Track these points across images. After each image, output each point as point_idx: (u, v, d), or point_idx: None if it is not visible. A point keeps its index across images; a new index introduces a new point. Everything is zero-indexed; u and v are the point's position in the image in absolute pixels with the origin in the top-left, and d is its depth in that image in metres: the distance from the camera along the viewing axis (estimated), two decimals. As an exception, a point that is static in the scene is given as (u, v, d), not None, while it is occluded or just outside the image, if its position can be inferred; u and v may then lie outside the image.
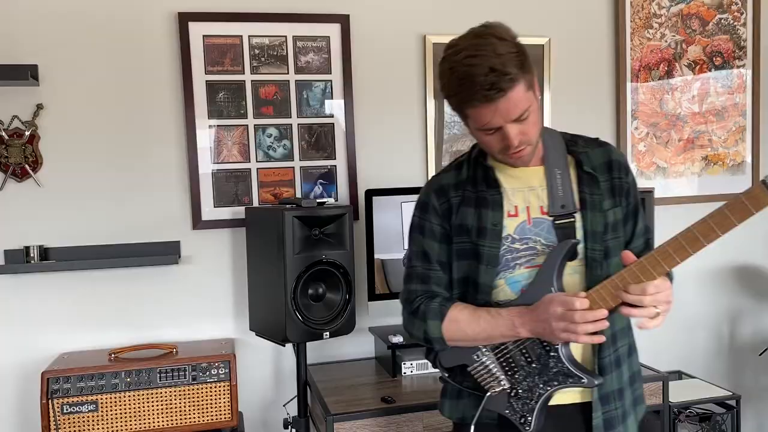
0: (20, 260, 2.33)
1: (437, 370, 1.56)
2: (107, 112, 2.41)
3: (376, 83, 2.64)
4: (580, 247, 1.41)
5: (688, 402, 2.58)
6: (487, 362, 1.45)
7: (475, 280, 1.45)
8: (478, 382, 1.47)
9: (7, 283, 2.36)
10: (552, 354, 1.38)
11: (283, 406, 2.47)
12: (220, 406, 2.22)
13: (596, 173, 1.45)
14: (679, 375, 2.92)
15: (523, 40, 2.93)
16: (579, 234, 1.41)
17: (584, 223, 1.42)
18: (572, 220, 1.41)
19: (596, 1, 2.87)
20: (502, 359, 1.44)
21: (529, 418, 1.40)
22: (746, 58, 3.04)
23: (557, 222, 1.41)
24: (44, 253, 2.36)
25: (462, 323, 1.43)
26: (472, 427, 1.46)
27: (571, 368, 1.37)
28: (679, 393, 2.62)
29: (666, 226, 2.89)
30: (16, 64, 2.27)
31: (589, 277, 1.40)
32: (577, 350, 1.41)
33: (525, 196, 1.46)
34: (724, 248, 3.06)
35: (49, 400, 2.10)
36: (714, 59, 3.00)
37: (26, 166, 2.34)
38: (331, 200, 2.59)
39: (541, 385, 1.39)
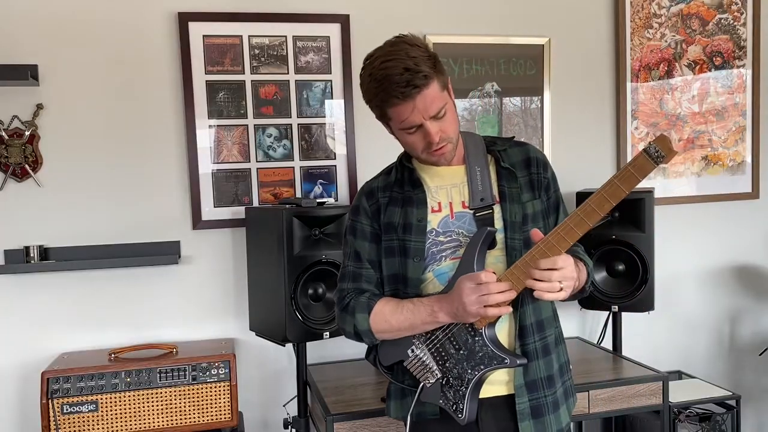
0: (20, 260, 2.33)
1: (381, 373, 1.62)
2: (107, 112, 2.41)
3: (376, 83, 2.64)
4: (501, 237, 1.49)
5: (688, 402, 2.58)
6: (421, 354, 1.51)
7: (404, 275, 1.54)
8: (415, 377, 1.53)
9: (7, 283, 2.36)
10: (477, 338, 1.44)
11: (283, 406, 2.48)
12: (220, 406, 2.22)
13: (514, 169, 1.55)
14: (679, 375, 2.92)
15: (523, 40, 2.94)
16: (498, 224, 1.50)
17: (503, 213, 1.51)
18: (491, 211, 1.50)
19: (596, 1, 2.87)
20: (433, 350, 1.50)
21: (461, 406, 1.45)
22: (746, 58, 3.04)
23: (477, 214, 1.50)
24: (44, 253, 2.36)
25: (387, 314, 1.51)
26: (408, 419, 1.53)
27: (494, 350, 1.43)
28: (679, 393, 2.62)
29: (666, 226, 2.91)
30: (16, 64, 2.27)
31: (511, 265, 1.45)
32: (502, 339, 1.47)
33: (448, 192, 1.55)
34: (724, 248, 3.09)
35: (49, 400, 2.10)
36: (714, 59, 3.00)
37: (26, 166, 2.34)
38: (331, 200, 2.59)
39: (469, 371, 1.45)
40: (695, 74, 2.98)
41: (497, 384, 1.50)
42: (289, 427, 2.35)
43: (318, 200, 2.32)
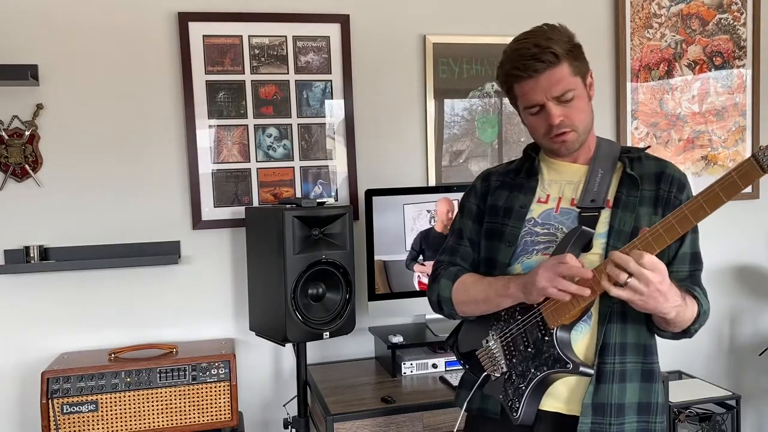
0: (20, 260, 2.33)
1: (458, 361, 1.60)
2: (107, 112, 2.41)
3: (376, 83, 2.64)
4: (601, 242, 1.40)
5: (688, 402, 2.58)
6: (492, 346, 1.47)
7: (494, 258, 1.50)
8: (484, 369, 1.49)
9: (7, 283, 2.36)
10: (546, 338, 1.39)
11: (283, 406, 2.48)
12: (220, 406, 2.22)
13: (641, 179, 1.44)
14: (679, 375, 2.92)
15: (523, 40, 2.86)
16: (603, 229, 1.41)
17: (611, 219, 1.41)
18: (597, 214, 1.42)
19: (596, 1, 2.87)
20: (504, 343, 1.46)
21: (517, 404, 1.41)
22: (746, 58, 3.04)
23: (582, 214, 1.43)
24: (44, 253, 2.36)
25: (468, 285, 1.50)
26: (464, 406, 1.51)
27: (560, 352, 1.36)
28: (679, 393, 2.62)
29: (666, 226, 2.91)
30: (16, 64, 2.26)
31: None
32: (581, 352, 1.40)
33: (561, 187, 1.49)
34: (724, 248, 3.09)
35: (49, 400, 2.10)
36: (714, 59, 3.00)
37: (26, 166, 2.34)
38: (331, 200, 2.59)
39: (533, 370, 1.40)
40: (695, 74, 2.98)
41: (561, 400, 1.42)
42: (289, 427, 2.35)
43: (318, 200, 2.32)
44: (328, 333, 2.21)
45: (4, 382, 2.38)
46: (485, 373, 1.48)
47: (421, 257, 2.48)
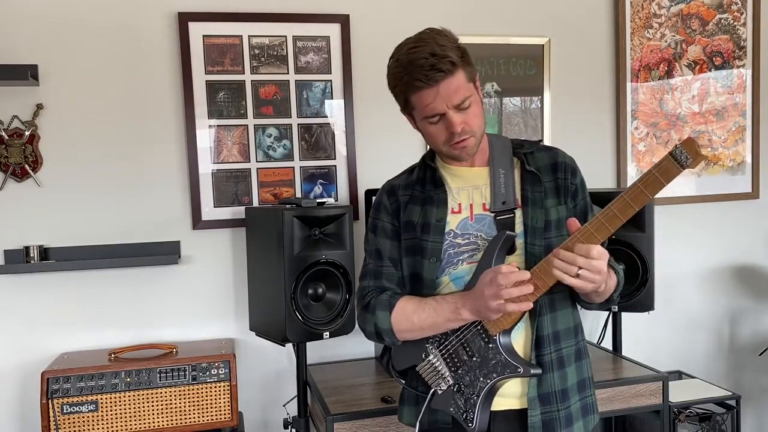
0: (20, 260, 2.33)
1: (393, 378, 1.59)
2: (107, 112, 2.41)
3: (376, 83, 2.63)
4: (521, 242, 1.44)
5: (688, 402, 2.58)
6: (433, 360, 1.48)
7: (419, 274, 1.51)
8: (427, 383, 1.50)
9: (7, 283, 2.36)
10: (491, 345, 1.41)
11: (283, 406, 2.48)
12: (220, 406, 2.22)
13: (540, 173, 1.50)
14: (679, 375, 2.92)
15: (523, 40, 2.93)
16: (519, 229, 1.45)
17: (524, 218, 1.46)
18: (512, 215, 1.45)
19: (596, 1, 2.87)
20: (446, 355, 1.47)
21: (471, 415, 1.42)
22: (746, 58, 3.04)
23: (498, 218, 1.46)
24: (44, 253, 2.36)
25: (408, 312, 1.47)
26: (417, 426, 1.51)
27: (508, 358, 1.39)
28: (679, 393, 2.62)
29: (666, 226, 2.91)
30: (16, 64, 2.27)
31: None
32: (518, 349, 1.44)
33: (469, 194, 1.52)
34: (724, 248, 3.09)
35: (49, 400, 2.10)
36: (714, 59, 3.00)
37: (26, 166, 2.34)
38: (331, 200, 2.59)
39: (482, 378, 1.41)
40: (695, 74, 2.98)
41: (510, 397, 1.46)
42: (289, 427, 2.35)
43: (318, 200, 2.32)
44: (328, 333, 2.21)
45: (4, 382, 2.38)
46: (432, 390, 1.48)
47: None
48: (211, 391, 2.21)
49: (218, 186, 2.51)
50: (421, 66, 1.37)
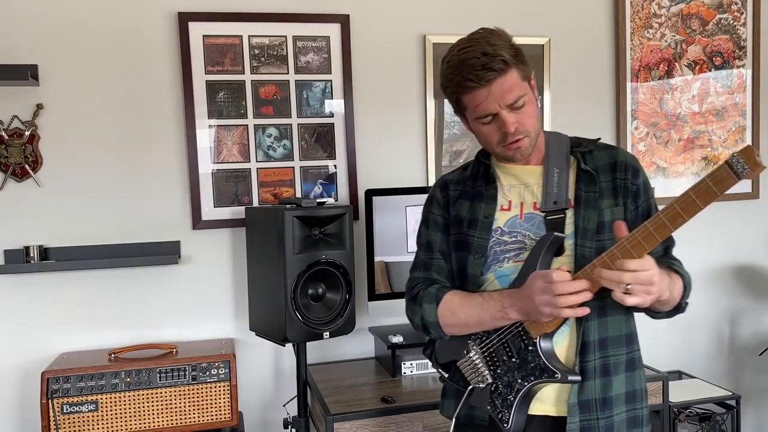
0: (20, 260, 2.33)
1: (435, 370, 1.58)
2: (107, 111, 2.41)
3: (376, 83, 2.65)
4: (570, 243, 1.40)
5: (688, 402, 2.58)
6: (474, 357, 1.46)
7: (464, 270, 1.48)
8: (466, 379, 1.49)
9: (7, 283, 2.36)
10: (530, 348, 1.38)
11: (283, 406, 2.47)
12: (220, 406, 2.22)
13: (596, 172, 1.45)
14: (679, 375, 2.92)
15: (523, 40, 2.93)
16: (569, 230, 1.41)
17: (576, 219, 1.41)
18: (562, 216, 1.41)
19: (596, 1, 2.87)
20: (486, 354, 1.46)
21: (507, 415, 1.41)
22: (746, 58, 3.04)
23: (548, 218, 1.42)
24: (44, 253, 2.36)
25: (455, 307, 1.46)
26: (453, 420, 1.49)
27: (546, 362, 1.36)
28: (679, 393, 2.62)
29: (666, 226, 2.91)
30: (16, 64, 2.27)
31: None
32: (561, 354, 1.41)
33: (520, 192, 1.48)
34: (724, 248, 3.09)
35: (49, 400, 2.10)
36: (714, 59, 3.00)
37: (26, 166, 2.34)
38: (331, 200, 2.59)
39: (519, 380, 1.40)
40: (695, 74, 2.98)
41: (548, 403, 1.43)
42: (289, 427, 2.35)
43: (318, 200, 2.32)
44: (328, 333, 2.21)
45: (4, 382, 2.38)
46: (471, 386, 1.47)
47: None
48: (211, 391, 2.21)
49: (218, 186, 2.51)
50: (472, 66, 1.35)
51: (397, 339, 2.35)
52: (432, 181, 2.69)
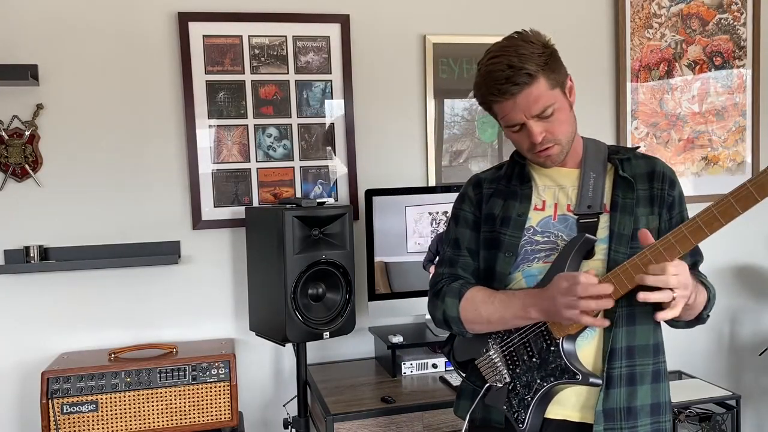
0: (20, 260, 2.33)
1: (454, 369, 1.59)
2: (107, 111, 2.41)
3: (376, 83, 2.65)
4: (603, 248, 1.39)
5: (688, 402, 2.58)
6: (493, 355, 1.46)
7: (493, 268, 1.47)
8: (484, 379, 1.48)
9: (7, 283, 2.36)
10: (552, 348, 1.37)
11: (283, 406, 2.48)
12: (220, 406, 2.22)
13: (634, 180, 1.44)
14: (679, 375, 2.92)
15: (523, 40, 2.86)
16: (603, 234, 1.40)
17: (611, 224, 1.40)
18: (596, 220, 1.41)
19: (596, 1, 2.87)
20: (506, 353, 1.44)
21: (523, 416, 1.39)
22: (746, 58, 3.04)
23: (581, 221, 1.41)
24: (44, 253, 2.36)
25: (477, 303, 1.45)
26: (466, 420, 1.49)
27: (568, 363, 1.35)
28: (679, 393, 2.61)
29: (666, 226, 2.91)
30: (16, 64, 2.27)
31: None
32: (588, 358, 1.39)
33: (555, 193, 1.48)
34: (724, 248, 3.08)
35: (49, 400, 2.10)
36: (714, 59, 3.00)
37: (26, 166, 2.34)
38: (331, 200, 2.59)
39: (539, 380, 1.38)
40: (695, 74, 2.98)
41: (569, 407, 1.41)
42: (289, 427, 2.35)
43: (318, 200, 2.32)
44: (328, 333, 2.21)
45: (4, 382, 2.38)
46: (488, 384, 1.46)
47: (437, 258, 2.48)
48: (211, 391, 2.21)
49: (218, 186, 2.51)
50: (496, 79, 1.35)
51: (397, 339, 2.35)
52: (432, 182, 2.69)
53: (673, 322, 1.44)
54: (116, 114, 2.42)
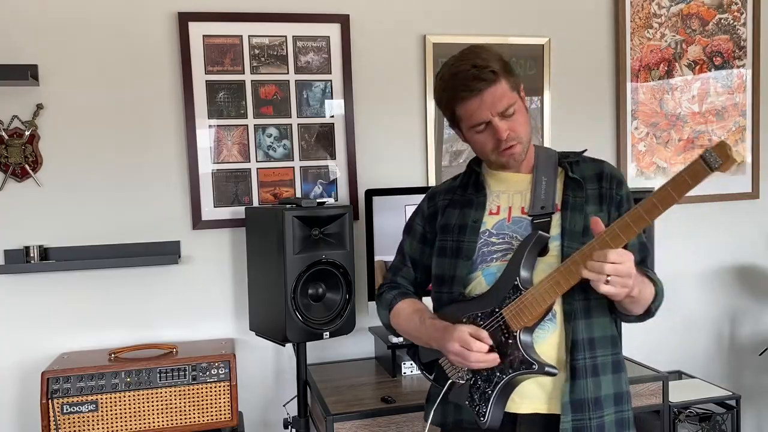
0: (20, 260, 2.33)
1: (420, 372, 1.62)
2: (107, 112, 2.41)
3: (376, 83, 2.65)
4: (557, 245, 1.45)
5: (688, 402, 2.58)
6: None
7: (452, 275, 1.54)
8: (448, 378, 1.51)
9: (7, 283, 2.36)
10: (510, 341, 1.41)
11: (283, 406, 2.48)
12: (220, 406, 2.22)
13: (583, 180, 1.51)
14: (679, 375, 2.92)
15: (523, 40, 2.94)
16: (555, 231, 1.46)
17: (562, 221, 1.47)
18: (548, 219, 1.47)
19: (596, 1, 2.87)
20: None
21: (484, 409, 1.42)
22: (746, 58, 3.04)
23: (535, 221, 1.48)
24: (44, 253, 2.36)
25: (401, 319, 1.60)
26: (429, 419, 1.54)
27: (525, 354, 1.39)
28: (679, 393, 2.62)
29: (666, 225, 2.91)
30: (16, 64, 2.27)
31: None
32: (551, 351, 1.44)
33: (509, 197, 1.55)
34: (724, 248, 3.09)
35: (49, 400, 2.10)
36: (714, 59, 3.00)
37: (26, 166, 2.34)
38: (331, 200, 2.59)
39: (498, 373, 1.42)
40: (695, 74, 2.98)
41: (536, 400, 1.45)
42: (289, 427, 2.35)
43: (318, 200, 2.32)
44: (328, 333, 2.21)
45: (4, 382, 2.38)
46: (450, 381, 1.50)
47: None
48: (211, 391, 2.21)
49: (218, 186, 2.51)
50: (464, 77, 1.43)
51: (397, 339, 2.35)
52: (432, 181, 2.69)
53: (625, 317, 1.49)
54: (116, 114, 2.42)
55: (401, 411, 2.10)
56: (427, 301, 1.66)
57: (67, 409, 2.12)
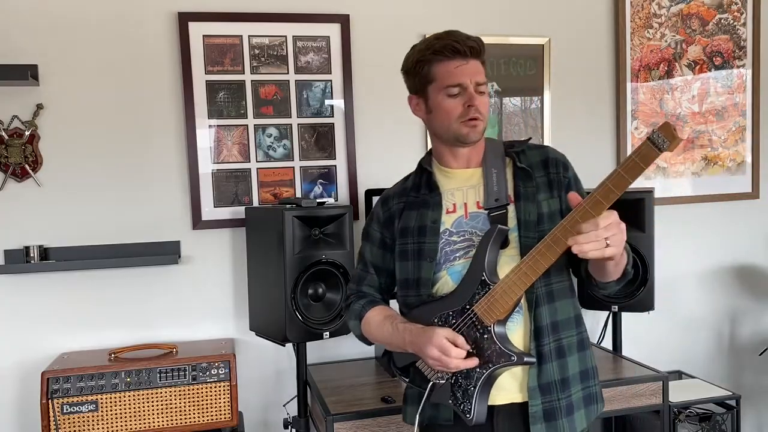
0: (20, 260, 2.33)
1: (396, 377, 1.63)
2: (107, 111, 2.41)
3: (376, 83, 2.64)
4: (515, 236, 1.48)
5: (688, 402, 2.58)
6: None
7: (417, 278, 1.54)
8: (427, 379, 1.51)
9: (7, 283, 2.36)
10: (486, 336, 1.42)
11: (283, 406, 2.48)
12: (220, 406, 2.22)
13: (531, 169, 1.54)
14: (679, 375, 2.92)
15: (523, 40, 2.95)
16: (512, 223, 1.49)
17: (517, 212, 1.49)
18: (504, 211, 1.49)
19: (596, 1, 2.87)
20: None
21: (468, 406, 1.43)
22: (746, 58, 3.04)
23: (491, 214, 1.50)
24: (44, 253, 2.36)
25: (373, 327, 1.58)
26: (417, 421, 1.53)
27: (502, 347, 1.40)
28: (679, 393, 2.62)
29: (666, 226, 2.91)
30: (16, 64, 2.27)
31: None
32: (518, 340, 1.46)
33: (464, 194, 1.56)
34: (724, 248, 3.09)
35: (49, 400, 2.10)
36: (714, 59, 3.00)
37: (26, 166, 2.34)
38: (331, 200, 2.59)
39: (478, 369, 1.43)
40: (695, 74, 2.98)
41: (511, 391, 1.48)
42: (289, 427, 2.35)
43: (318, 200, 2.32)
44: (328, 333, 2.21)
45: (4, 382, 2.38)
46: (431, 382, 1.50)
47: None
48: (211, 391, 2.21)
49: (218, 186, 2.51)
50: (455, 39, 1.47)
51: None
52: (432, 181, 2.69)
53: (603, 284, 1.47)
54: (116, 114, 2.42)
55: (401, 411, 2.10)
56: (394, 304, 1.65)
57: (67, 409, 2.12)
